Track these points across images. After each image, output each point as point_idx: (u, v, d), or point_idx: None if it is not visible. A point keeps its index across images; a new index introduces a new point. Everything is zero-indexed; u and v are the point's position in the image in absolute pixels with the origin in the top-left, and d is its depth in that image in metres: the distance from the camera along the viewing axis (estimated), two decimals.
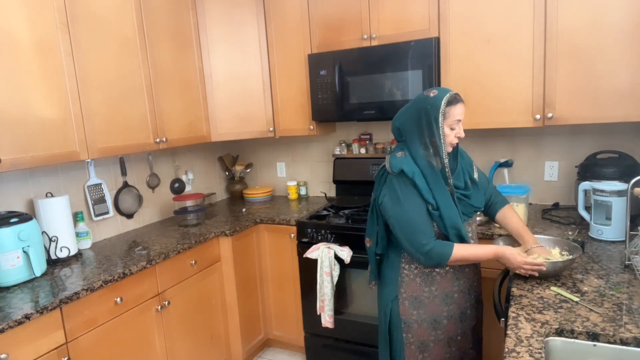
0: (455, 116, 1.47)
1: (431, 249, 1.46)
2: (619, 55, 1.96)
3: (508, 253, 1.48)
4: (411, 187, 1.48)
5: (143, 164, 2.76)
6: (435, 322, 1.59)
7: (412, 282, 1.58)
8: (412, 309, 1.59)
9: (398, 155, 1.52)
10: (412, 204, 1.48)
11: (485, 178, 1.76)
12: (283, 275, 2.75)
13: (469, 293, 1.63)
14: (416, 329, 1.59)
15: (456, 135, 1.50)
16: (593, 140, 2.38)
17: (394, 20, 2.44)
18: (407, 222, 1.48)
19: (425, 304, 1.58)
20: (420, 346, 1.60)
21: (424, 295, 1.58)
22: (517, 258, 1.46)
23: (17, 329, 1.50)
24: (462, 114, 1.49)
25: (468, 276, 1.62)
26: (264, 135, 2.95)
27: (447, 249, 1.46)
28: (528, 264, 1.45)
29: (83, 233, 2.26)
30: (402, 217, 1.49)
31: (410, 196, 1.48)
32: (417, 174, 1.47)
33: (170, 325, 2.19)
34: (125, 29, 2.24)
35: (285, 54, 2.80)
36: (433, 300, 1.58)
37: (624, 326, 1.17)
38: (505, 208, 1.73)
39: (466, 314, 1.62)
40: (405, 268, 1.59)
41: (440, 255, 1.46)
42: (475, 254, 1.50)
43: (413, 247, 1.48)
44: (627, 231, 1.60)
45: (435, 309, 1.58)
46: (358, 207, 2.69)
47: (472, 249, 1.50)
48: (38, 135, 1.84)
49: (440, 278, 1.57)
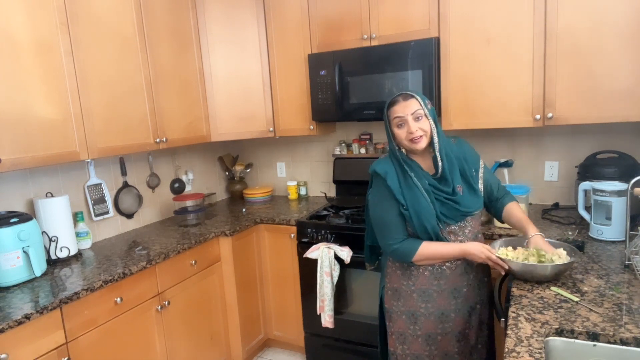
0: (393, 115, 1.53)
1: (396, 249, 1.56)
2: (619, 55, 1.96)
3: (473, 249, 1.51)
4: (384, 187, 1.55)
5: (143, 164, 2.76)
6: (413, 317, 1.63)
7: (394, 274, 1.67)
8: (393, 300, 1.67)
9: (381, 157, 1.64)
10: (384, 204, 1.57)
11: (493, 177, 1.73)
12: (283, 275, 2.75)
13: (454, 297, 1.59)
14: (396, 319, 1.67)
15: (408, 131, 1.51)
16: (593, 140, 2.38)
17: (394, 20, 2.44)
18: (378, 222, 1.61)
19: (404, 297, 1.64)
20: (400, 337, 1.67)
21: (402, 288, 1.64)
22: (484, 252, 1.49)
23: (17, 329, 1.51)
24: (401, 110, 1.51)
25: (450, 279, 1.59)
26: (264, 135, 2.95)
27: (413, 247, 1.53)
28: (491, 260, 1.49)
29: (83, 233, 2.26)
30: (375, 217, 1.62)
31: (384, 197, 1.57)
32: (390, 174, 1.54)
33: (170, 325, 2.19)
34: (125, 28, 2.24)
35: (285, 54, 2.80)
36: (410, 294, 1.62)
37: (624, 326, 1.17)
38: (511, 204, 1.71)
39: (449, 316, 1.60)
40: (390, 260, 1.69)
41: (404, 253, 1.55)
42: (441, 251, 1.53)
43: (382, 245, 1.63)
44: (627, 231, 1.60)
45: (412, 303, 1.62)
46: (358, 207, 2.69)
47: (438, 247, 1.53)
48: (38, 135, 1.84)
49: (417, 274, 1.61)
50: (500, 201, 1.72)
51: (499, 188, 1.74)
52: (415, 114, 1.50)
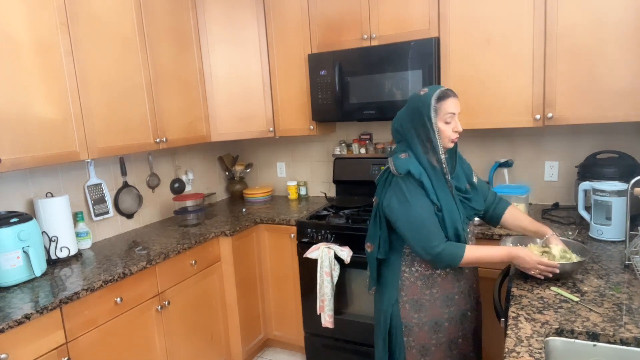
0: (447, 110, 1.46)
1: (442, 251, 1.44)
2: (619, 55, 1.96)
3: (522, 253, 1.45)
4: (419, 188, 1.46)
5: (143, 164, 2.76)
6: (437, 325, 1.57)
7: (413, 285, 1.56)
8: (413, 312, 1.57)
9: (402, 157, 1.49)
10: (421, 204, 1.46)
11: (484, 184, 1.74)
12: (283, 275, 2.75)
13: (469, 295, 1.62)
14: (417, 332, 1.58)
15: (453, 129, 1.47)
16: (593, 140, 2.38)
17: (394, 20, 2.43)
18: (417, 223, 1.45)
19: (426, 307, 1.56)
20: (422, 350, 1.58)
21: (425, 298, 1.56)
22: (532, 258, 1.43)
23: (17, 329, 1.50)
24: (455, 107, 1.47)
25: (468, 277, 1.61)
26: (264, 135, 2.95)
27: (459, 250, 1.45)
28: (543, 264, 1.42)
29: (83, 233, 2.26)
30: (411, 218, 1.46)
31: (418, 197, 1.46)
32: (423, 174, 1.46)
33: (170, 325, 2.19)
34: (125, 28, 2.24)
35: (285, 54, 2.80)
36: (434, 302, 1.56)
37: (624, 326, 1.17)
38: (510, 209, 1.71)
39: (467, 315, 1.61)
40: (405, 271, 1.58)
41: (451, 257, 1.45)
42: (488, 255, 1.48)
43: (424, 249, 1.45)
44: (627, 231, 1.60)
45: (436, 311, 1.56)
46: (358, 207, 2.69)
47: (484, 250, 1.48)
48: (38, 135, 1.84)
49: (441, 280, 1.55)
50: (496, 208, 1.72)
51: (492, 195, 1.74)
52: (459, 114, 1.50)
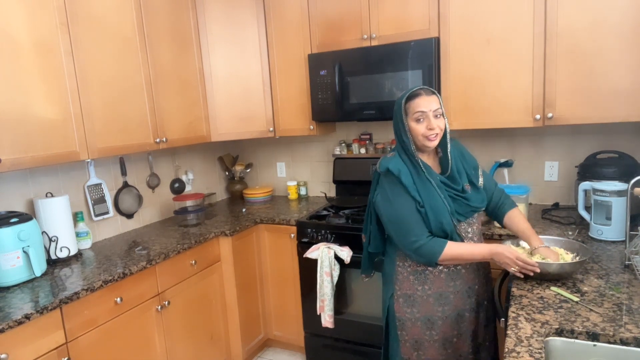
0: (415, 109, 1.49)
1: (421, 246, 1.48)
2: (619, 55, 1.96)
3: (501, 249, 1.47)
4: (399, 185, 1.51)
5: (143, 164, 2.76)
6: (430, 322, 1.58)
7: (406, 280, 1.60)
8: (406, 307, 1.60)
9: (388, 156, 1.58)
10: (400, 201, 1.51)
11: (491, 180, 1.75)
12: (283, 275, 2.75)
13: (468, 295, 1.61)
14: (410, 327, 1.61)
15: (427, 127, 1.49)
16: (593, 140, 2.38)
17: (394, 20, 2.44)
18: (397, 220, 1.53)
19: (419, 303, 1.58)
20: (415, 344, 1.61)
21: (417, 294, 1.58)
22: (512, 252, 1.45)
23: (17, 329, 1.50)
24: (426, 105, 1.48)
25: (465, 278, 1.60)
26: (264, 135, 2.95)
27: (438, 247, 1.47)
28: (521, 260, 1.43)
29: (83, 233, 2.26)
30: (392, 215, 1.54)
31: (398, 194, 1.52)
32: (403, 172, 1.50)
33: (170, 325, 2.19)
34: (125, 28, 2.24)
35: (285, 54, 2.80)
36: (427, 299, 1.58)
37: (624, 326, 1.17)
38: (513, 211, 1.71)
39: (464, 316, 1.60)
40: (399, 265, 1.62)
41: (430, 252, 1.48)
42: (469, 252, 1.49)
43: (403, 244, 1.53)
44: (627, 231, 1.60)
45: (428, 308, 1.58)
46: (358, 207, 2.69)
47: (466, 247, 1.50)
48: (38, 135, 1.84)
49: (433, 277, 1.57)
50: (501, 208, 1.72)
51: (499, 193, 1.74)
52: (436, 112, 1.50)
